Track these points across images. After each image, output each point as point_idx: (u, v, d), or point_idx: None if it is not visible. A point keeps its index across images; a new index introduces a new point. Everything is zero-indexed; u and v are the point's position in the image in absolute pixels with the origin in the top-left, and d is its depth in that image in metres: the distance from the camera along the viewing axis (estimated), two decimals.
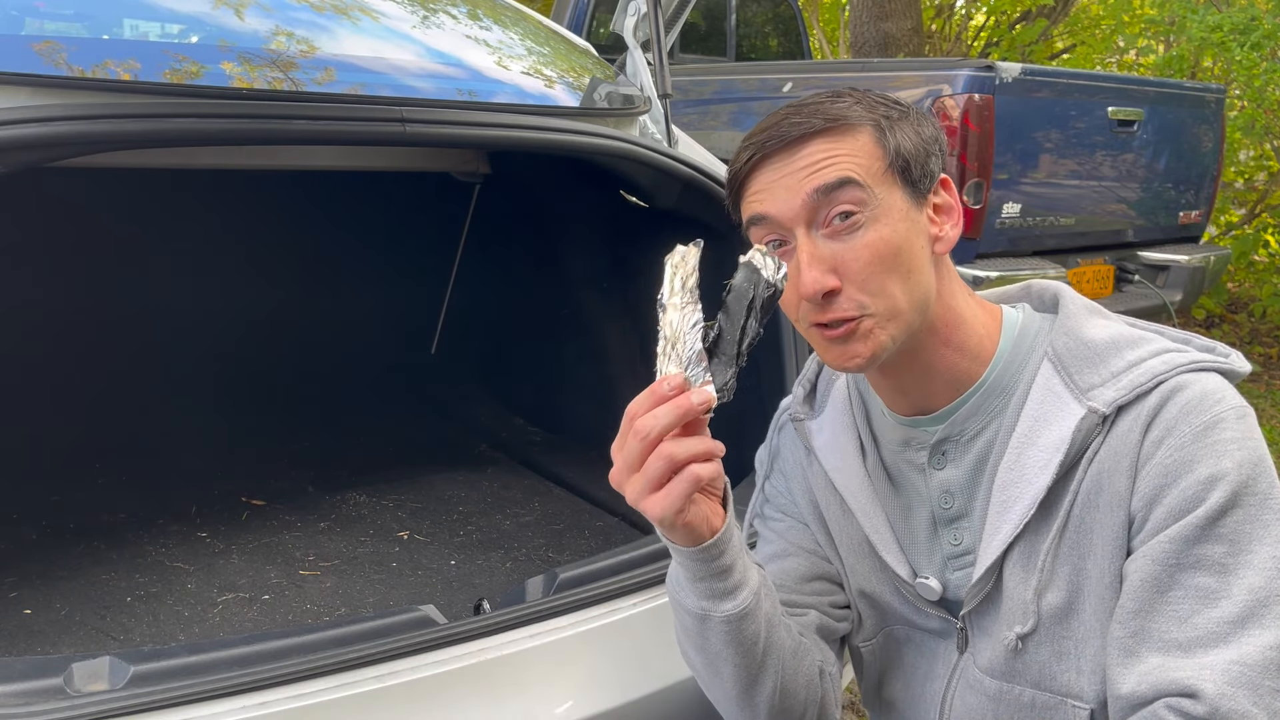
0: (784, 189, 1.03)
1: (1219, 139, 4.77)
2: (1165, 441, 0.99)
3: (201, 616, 1.71)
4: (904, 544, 1.18)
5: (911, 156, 1.04)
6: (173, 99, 1.47)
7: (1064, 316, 1.10)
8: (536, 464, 2.44)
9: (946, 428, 1.12)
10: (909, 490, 1.17)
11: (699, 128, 4.55)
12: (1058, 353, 1.07)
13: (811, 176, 1.02)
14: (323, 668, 1.18)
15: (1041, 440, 1.04)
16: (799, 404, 1.28)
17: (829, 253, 1.02)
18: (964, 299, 1.11)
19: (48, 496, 2.15)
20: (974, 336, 1.10)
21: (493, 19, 2.18)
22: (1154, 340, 1.06)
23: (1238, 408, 1.00)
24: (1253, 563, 0.95)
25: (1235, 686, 0.92)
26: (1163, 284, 4.45)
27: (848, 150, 1.03)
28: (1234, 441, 0.98)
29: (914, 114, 1.08)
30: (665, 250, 1.01)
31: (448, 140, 1.94)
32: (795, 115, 1.03)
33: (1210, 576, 0.96)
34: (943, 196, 1.09)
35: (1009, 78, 3.73)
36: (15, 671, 1.10)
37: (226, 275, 2.68)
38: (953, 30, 11.06)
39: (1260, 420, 4.57)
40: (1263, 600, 0.94)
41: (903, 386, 1.13)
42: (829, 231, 1.03)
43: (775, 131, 1.03)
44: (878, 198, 1.02)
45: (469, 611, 1.52)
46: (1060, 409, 1.04)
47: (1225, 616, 0.94)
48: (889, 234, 1.02)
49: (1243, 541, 0.96)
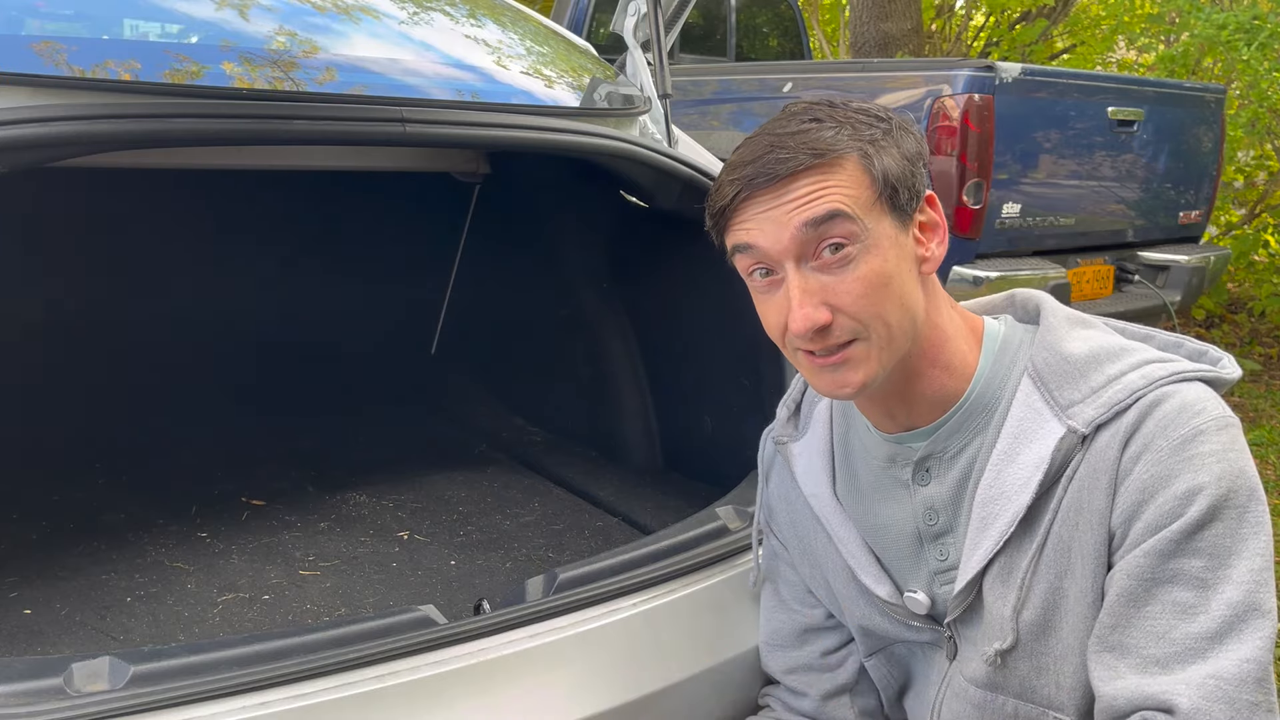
0: (772, 222, 1.02)
1: (1219, 139, 4.77)
2: (1143, 457, 0.98)
3: (201, 616, 1.71)
4: (888, 561, 1.19)
5: (898, 180, 1.03)
6: (173, 99, 1.47)
7: (1044, 330, 1.09)
8: (536, 464, 2.44)
9: (929, 445, 1.12)
10: (892, 506, 1.17)
11: (699, 128, 4.55)
12: (1037, 369, 1.06)
13: (800, 210, 1.00)
14: (323, 668, 1.18)
15: (1021, 458, 1.04)
16: (782, 425, 1.28)
17: (819, 286, 1.01)
18: (947, 315, 1.11)
19: (48, 496, 2.15)
20: (958, 354, 1.10)
21: (493, 19, 2.18)
22: (1136, 352, 1.05)
23: (1218, 419, 0.99)
24: (1231, 577, 0.95)
25: (1211, 701, 0.92)
26: (1163, 284, 4.45)
27: (835, 182, 1.01)
28: (1213, 455, 0.97)
29: (895, 129, 1.06)
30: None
31: (448, 140, 1.94)
32: (780, 150, 1.01)
33: (1188, 591, 0.96)
34: (928, 214, 1.08)
35: (1009, 78, 3.73)
36: (15, 671, 1.10)
37: (226, 275, 2.68)
38: (953, 30, 11.05)
39: (1260, 420, 4.57)
40: (1240, 614, 0.94)
41: (890, 409, 1.13)
42: (819, 264, 1.01)
43: (761, 167, 1.01)
44: (867, 228, 1.01)
45: (469, 611, 1.52)
46: (1040, 426, 1.04)
47: (1203, 631, 0.94)
48: (879, 265, 1.01)
49: (1221, 555, 0.95)
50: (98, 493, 2.19)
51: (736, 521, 1.56)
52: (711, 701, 1.44)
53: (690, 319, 2.15)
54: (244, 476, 2.28)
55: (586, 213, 2.41)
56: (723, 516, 1.56)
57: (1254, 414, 4.72)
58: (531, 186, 2.55)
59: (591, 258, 2.44)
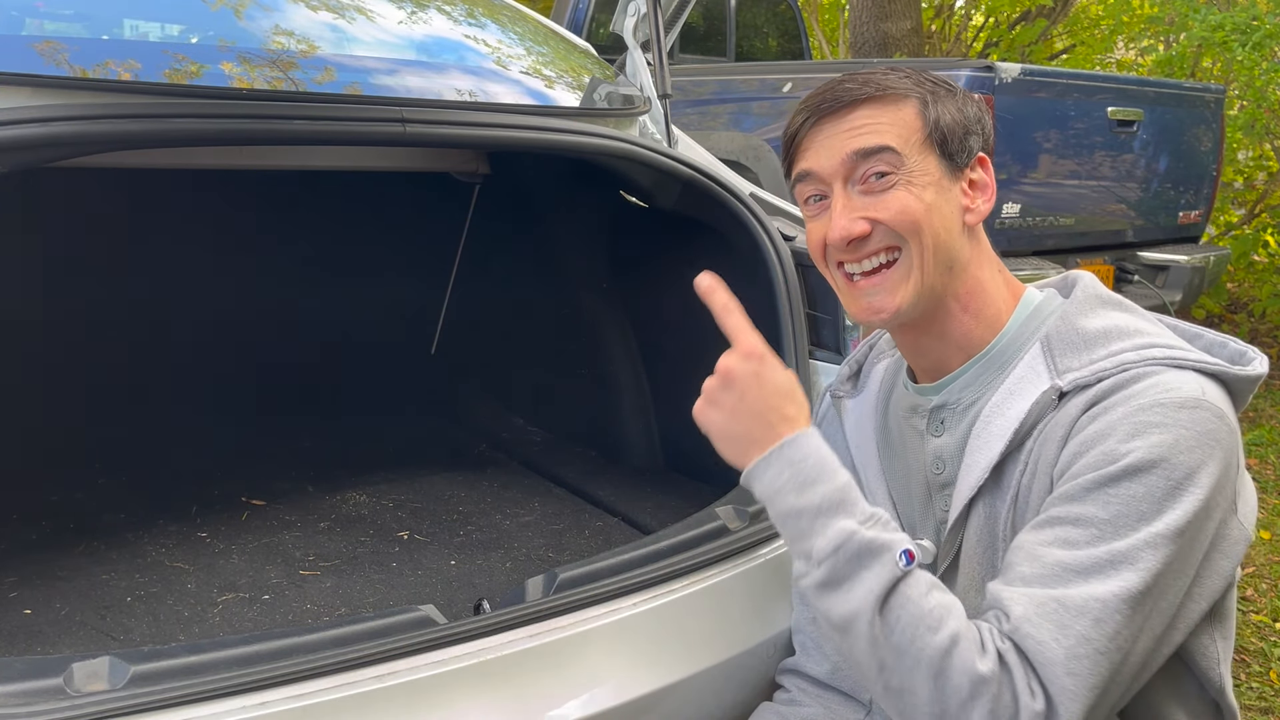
0: (827, 148, 1.11)
1: (1218, 139, 4.77)
2: (1098, 418, 1.00)
3: (201, 616, 1.71)
4: (906, 514, 1.23)
5: (950, 131, 1.11)
6: (173, 99, 1.47)
7: (1070, 303, 1.13)
8: (536, 464, 2.44)
9: (944, 395, 1.16)
10: (909, 456, 1.21)
11: (699, 128, 4.55)
12: (1049, 336, 1.10)
13: (854, 139, 1.09)
14: (323, 668, 1.18)
15: (1010, 412, 1.08)
16: (842, 381, 1.35)
17: (861, 204, 1.10)
18: (990, 272, 1.15)
19: (48, 496, 2.15)
20: (991, 307, 1.14)
21: (492, 19, 2.18)
22: (1148, 335, 1.06)
23: (1186, 400, 0.98)
24: (1128, 536, 0.95)
25: (1043, 617, 0.93)
26: (1162, 284, 4.45)
27: (890, 119, 1.10)
28: (1159, 426, 0.97)
29: (961, 94, 1.15)
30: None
31: (448, 140, 1.94)
32: (849, 82, 1.11)
33: (1080, 531, 0.96)
34: (979, 174, 1.15)
35: (1008, 78, 3.73)
36: (15, 671, 1.10)
37: (226, 275, 2.68)
38: (952, 30, 11.05)
39: (1260, 420, 4.57)
40: (1114, 562, 0.94)
41: (921, 346, 1.17)
42: (864, 188, 1.10)
43: (829, 95, 1.11)
44: (912, 163, 1.09)
45: (469, 611, 1.53)
46: (1033, 385, 1.07)
47: (1071, 563, 0.95)
48: (918, 195, 1.09)
49: (1128, 516, 0.95)
50: (98, 493, 2.19)
51: (736, 521, 1.56)
52: (712, 701, 1.44)
53: (690, 319, 2.14)
54: (244, 476, 2.28)
55: (586, 213, 2.41)
56: (722, 516, 1.56)
57: (1254, 414, 4.72)
58: (531, 186, 2.55)
59: (591, 258, 2.44)
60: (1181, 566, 0.96)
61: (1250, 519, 1.04)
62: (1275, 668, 2.60)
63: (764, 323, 1.84)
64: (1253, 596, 2.99)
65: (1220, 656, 1.07)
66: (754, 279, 1.79)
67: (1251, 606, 2.94)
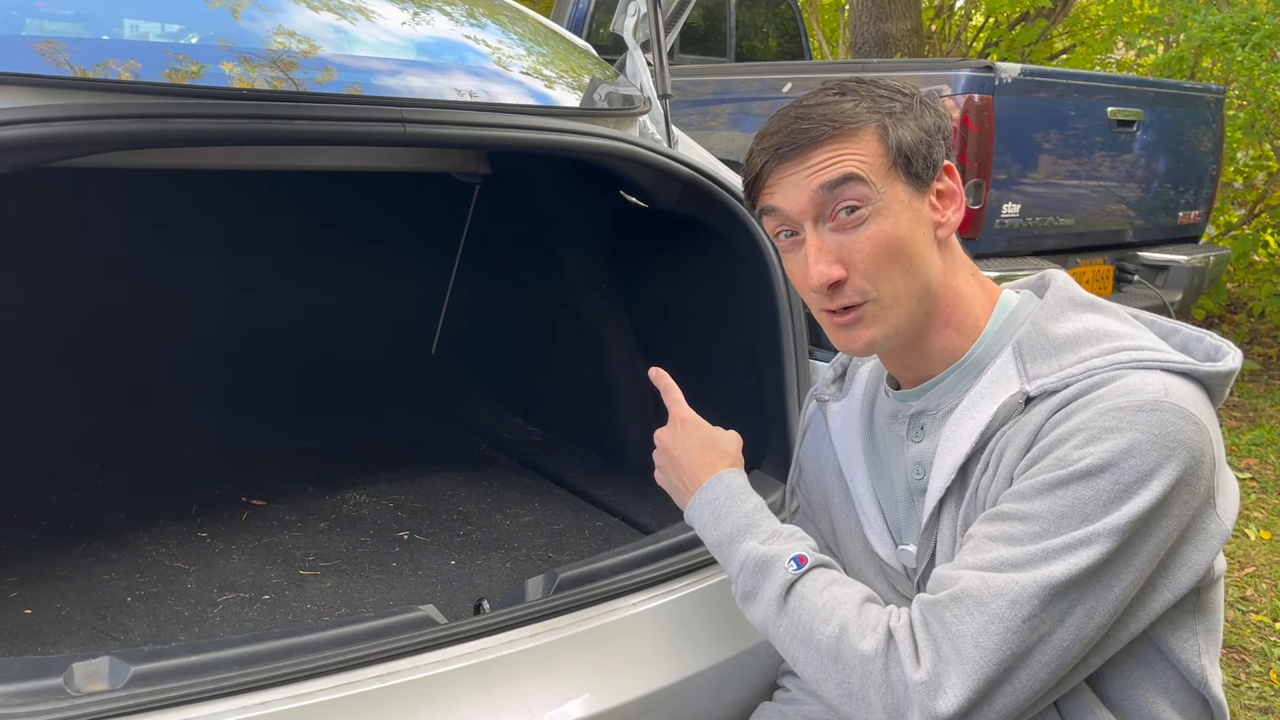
0: (793, 186, 1.10)
1: (1218, 139, 4.77)
2: (1061, 424, 1.01)
3: (201, 616, 1.71)
4: (890, 515, 1.23)
5: (913, 150, 1.10)
6: (173, 99, 1.47)
7: (1042, 306, 1.13)
8: (536, 464, 2.44)
9: (923, 402, 1.17)
10: (892, 462, 1.22)
11: (699, 128, 4.56)
12: (1020, 342, 1.10)
13: (818, 174, 1.09)
14: (323, 668, 1.18)
15: (979, 415, 1.09)
16: (827, 385, 1.35)
17: (834, 244, 1.09)
18: (965, 279, 1.16)
19: (48, 496, 2.15)
20: (969, 316, 1.15)
21: (492, 19, 2.18)
22: (1119, 339, 1.07)
23: (1145, 403, 0.98)
24: (1068, 534, 0.97)
25: (966, 595, 0.98)
26: (1162, 284, 4.45)
27: (852, 150, 1.09)
28: (1115, 431, 0.97)
29: (917, 104, 1.13)
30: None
31: (448, 140, 1.94)
32: (804, 121, 1.10)
33: (1024, 527, 0.99)
34: (945, 183, 1.14)
35: (1008, 78, 3.73)
36: (15, 671, 1.10)
37: (227, 276, 2.68)
38: (952, 30, 11.05)
39: (1260, 420, 4.57)
40: (1049, 557, 0.97)
41: (906, 363, 1.19)
42: (835, 225, 1.09)
43: (786, 137, 1.10)
44: (880, 192, 1.08)
45: (469, 611, 1.53)
46: (1003, 390, 1.08)
47: (1008, 558, 0.98)
48: (891, 227, 1.08)
49: (1071, 517, 0.97)
50: (98, 493, 2.19)
51: None
52: (712, 700, 1.44)
53: (690, 319, 2.15)
54: (244, 476, 2.28)
55: (586, 213, 2.41)
56: None
57: (1254, 414, 4.72)
58: (531, 186, 2.55)
59: (591, 258, 2.44)
60: (1128, 561, 0.97)
61: (1230, 513, 1.04)
62: (1275, 668, 2.60)
63: (763, 323, 1.84)
64: (1253, 596, 2.99)
65: (1202, 648, 1.07)
66: (753, 279, 1.79)
67: (1251, 606, 2.93)
